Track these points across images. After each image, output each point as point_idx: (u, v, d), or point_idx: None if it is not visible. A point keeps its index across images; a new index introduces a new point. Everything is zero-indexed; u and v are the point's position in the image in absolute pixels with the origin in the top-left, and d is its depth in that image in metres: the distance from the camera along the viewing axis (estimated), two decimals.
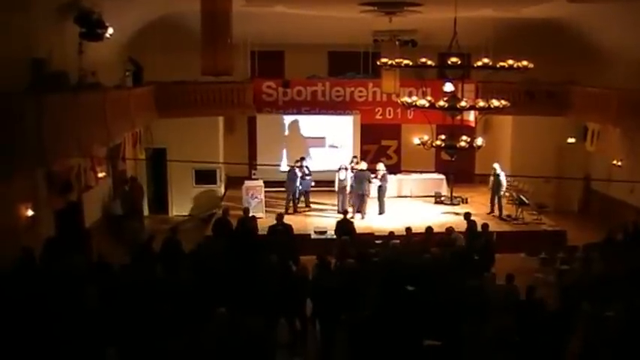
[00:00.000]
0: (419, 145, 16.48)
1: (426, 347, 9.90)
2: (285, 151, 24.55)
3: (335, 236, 17.12)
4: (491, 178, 21.33)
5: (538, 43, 20.35)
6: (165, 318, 10.15)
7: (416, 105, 15.30)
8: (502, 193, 21.41)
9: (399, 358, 9.95)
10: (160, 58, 20.68)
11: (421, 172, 23.64)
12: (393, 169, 22.67)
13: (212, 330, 9.73)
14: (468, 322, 10.16)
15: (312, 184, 21.90)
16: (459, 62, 14.07)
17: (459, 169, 23.10)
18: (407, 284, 12.09)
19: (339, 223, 17.17)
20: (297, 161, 21.78)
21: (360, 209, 20.78)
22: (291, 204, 21.36)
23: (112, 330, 9.54)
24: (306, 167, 21.69)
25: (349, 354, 10.81)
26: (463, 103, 14.56)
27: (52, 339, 9.05)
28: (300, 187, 21.56)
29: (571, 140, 23.30)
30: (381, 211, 21.21)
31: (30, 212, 13.16)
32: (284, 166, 22.46)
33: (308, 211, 21.65)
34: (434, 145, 15.30)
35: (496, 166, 21.38)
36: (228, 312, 10.08)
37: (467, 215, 16.99)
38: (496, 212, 21.24)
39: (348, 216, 17.85)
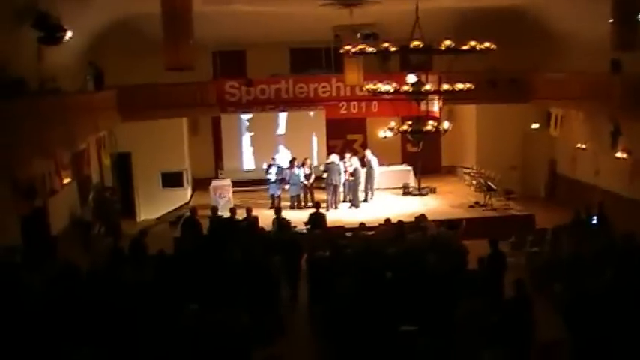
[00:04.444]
0: (385, 138, 16.45)
1: (402, 333, 9.90)
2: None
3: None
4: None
5: (500, 31, 20.27)
6: (138, 318, 10.07)
7: (380, 91, 15.20)
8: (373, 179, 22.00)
9: (376, 345, 9.95)
10: (121, 62, 20.49)
11: (388, 164, 23.76)
12: (360, 163, 22.66)
13: (185, 326, 9.68)
14: (443, 305, 10.22)
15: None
16: (422, 46, 14.00)
17: (425, 161, 23.22)
18: (381, 273, 12.11)
19: (311, 216, 17.06)
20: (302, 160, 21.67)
21: (333, 201, 20.98)
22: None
23: (86, 331, 9.42)
24: (297, 168, 21.38)
25: (325, 343, 10.82)
26: (428, 87, 14.54)
27: (24, 341, 8.91)
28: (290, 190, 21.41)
29: (535, 126, 23.53)
30: (356, 205, 21.31)
31: None
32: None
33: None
34: (401, 130, 15.25)
35: (368, 152, 21.80)
36: (199, 308, 10.05)
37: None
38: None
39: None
